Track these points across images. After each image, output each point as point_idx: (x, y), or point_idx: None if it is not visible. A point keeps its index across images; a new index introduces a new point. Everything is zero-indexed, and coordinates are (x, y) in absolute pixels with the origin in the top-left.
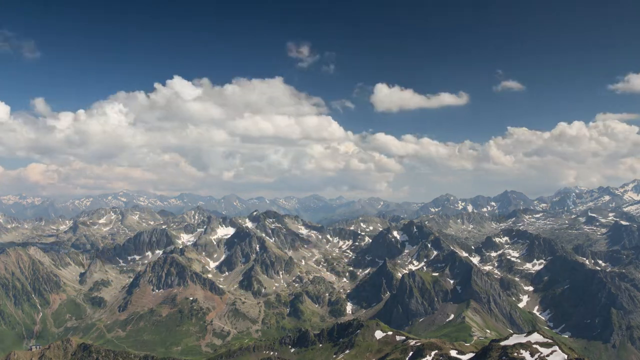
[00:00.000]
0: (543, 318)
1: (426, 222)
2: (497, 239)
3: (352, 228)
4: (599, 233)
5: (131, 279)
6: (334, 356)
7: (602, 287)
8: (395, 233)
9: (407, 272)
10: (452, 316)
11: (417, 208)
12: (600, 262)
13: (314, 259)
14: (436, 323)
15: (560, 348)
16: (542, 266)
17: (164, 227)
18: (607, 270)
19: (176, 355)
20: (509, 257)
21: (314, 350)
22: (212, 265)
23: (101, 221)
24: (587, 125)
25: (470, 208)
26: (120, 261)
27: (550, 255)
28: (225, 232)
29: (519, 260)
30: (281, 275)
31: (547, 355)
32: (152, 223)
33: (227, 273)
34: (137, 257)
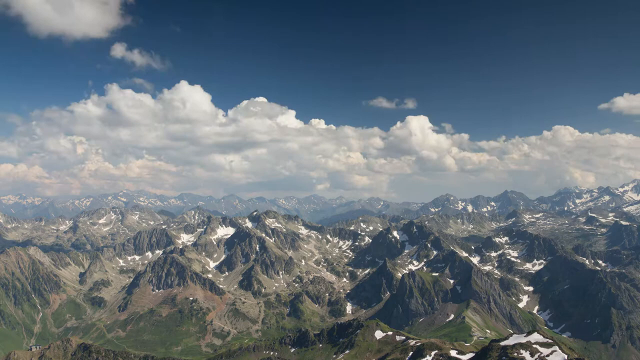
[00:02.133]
0: (543, 318)
1: (426, 222)
2: (497, 239)
3: (352, 228)
4: (599, 233)
5: (131, 279)
6: (334, 356)
7: (602, 287)
8: (395, 233)
9: (407, 272)
10: (452, 316)
11: (417, 208)
12: (600, 262)
13: (314, 259)
14: (436, 323)
15: (560, 348)
16: (542, 266)
17: (164, 227)
18: (607, 270)
19: (176, 355)
20: (509, 257)
21: (314, 350)
22: (212, 265)
23: (101, 221)
24: None
25: (470, 208)
26: (120, 261)
27: (550, 255)
28: (225, 232)
29: (519, 260)
30: (281, 275)
31: (547, 355)
32: (152, 223)
33: (227, 273)
34: (137, 257)
